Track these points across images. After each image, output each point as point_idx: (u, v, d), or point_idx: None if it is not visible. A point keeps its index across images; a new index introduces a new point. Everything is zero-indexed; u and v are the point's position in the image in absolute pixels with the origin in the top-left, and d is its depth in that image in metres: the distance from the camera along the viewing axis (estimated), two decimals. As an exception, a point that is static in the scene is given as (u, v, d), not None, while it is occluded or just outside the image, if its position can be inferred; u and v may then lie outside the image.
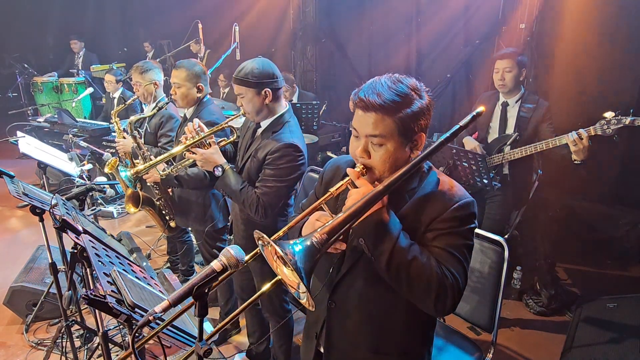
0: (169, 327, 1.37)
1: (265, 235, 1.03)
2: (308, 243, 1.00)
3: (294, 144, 1.99)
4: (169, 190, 2.86)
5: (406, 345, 1.37)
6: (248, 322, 2.62)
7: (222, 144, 2.23)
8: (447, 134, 1.17)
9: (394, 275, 1.13)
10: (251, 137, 2.18)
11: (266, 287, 1.13)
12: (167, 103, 2.70)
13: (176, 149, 2.17)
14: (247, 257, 1.08)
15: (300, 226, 1.29)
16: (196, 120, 2.17)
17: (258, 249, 1.11)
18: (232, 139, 2.29)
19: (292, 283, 1.07)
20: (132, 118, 2.67)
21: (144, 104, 3.34)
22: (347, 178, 1.19)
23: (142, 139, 2.96)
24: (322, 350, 1.47)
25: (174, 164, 2.40)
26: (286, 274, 1.07)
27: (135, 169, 2.28)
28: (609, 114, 2.46)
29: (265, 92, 2.01)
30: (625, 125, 2.42)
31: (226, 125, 2.25)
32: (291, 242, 1.01)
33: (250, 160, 2.11)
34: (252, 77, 1.98)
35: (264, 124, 2.11)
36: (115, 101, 5.03)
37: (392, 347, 1.36)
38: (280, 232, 1.12)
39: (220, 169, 2.09)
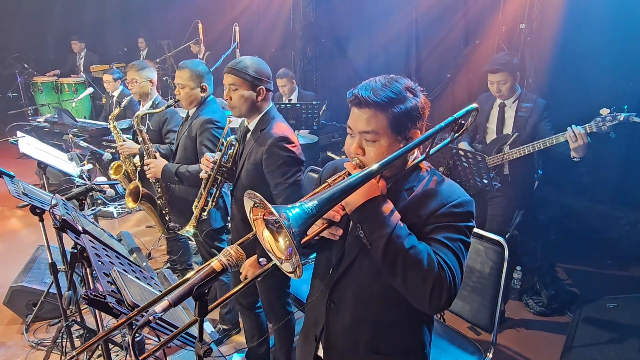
0: (168, 327, 1.37)
1: (258, 195, 1.01)
2: (302, 207, 1.00)
3: (282, 136, 1.99)
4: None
5: (407, 345, 1.36)
6: (247, 327, 2.56)
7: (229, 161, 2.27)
8: (442, 124, 1.20)
9: (390, 264, 1.10)
10: (243, 142, 2.19)
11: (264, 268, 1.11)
12: (176, 101, 2.65)
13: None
14: (241, 240, 1.08)
15: None
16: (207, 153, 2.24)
17: (254, 231, 1.09)
18: (234, 150, 2.27)
19: (280, 250, 1.05)
20: (139, 112, 2.68)
21: (138, 101, 3.35)
22: (344, 170, 1.21)
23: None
24: (320, 353, 1.45)
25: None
26: (274, 242, 1.06)
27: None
28: (604, 111, 2.50)
29: (260, 89, 2.03)
30: (620, 122, 2.44)
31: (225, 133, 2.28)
32: (287, 206, 1.00)
33: (246, 165, 2.10)
34: (251, 71, 2.00)
35: (252, 125, 2.12)
36: (114, 100, 5.04)
37: (392, 347, 1.34)
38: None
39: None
